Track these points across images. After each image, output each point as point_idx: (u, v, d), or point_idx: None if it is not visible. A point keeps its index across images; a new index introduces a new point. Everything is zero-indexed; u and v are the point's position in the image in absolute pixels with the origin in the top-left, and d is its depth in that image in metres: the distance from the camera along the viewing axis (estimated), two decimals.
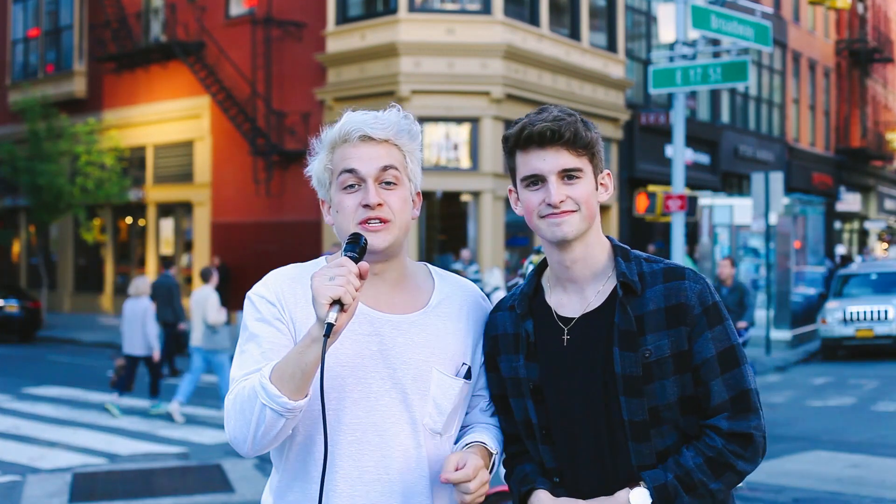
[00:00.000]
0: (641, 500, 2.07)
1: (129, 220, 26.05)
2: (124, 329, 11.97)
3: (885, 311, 16.98)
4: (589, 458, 2.15)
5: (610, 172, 2.24)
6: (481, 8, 19.53)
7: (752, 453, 2.10)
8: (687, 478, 2.07)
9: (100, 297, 26.25)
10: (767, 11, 20.11)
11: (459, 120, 19.39)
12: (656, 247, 22.09)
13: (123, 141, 24.51)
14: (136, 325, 11.80)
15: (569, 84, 21.32)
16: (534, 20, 20.52)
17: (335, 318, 1.89)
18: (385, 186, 2.13)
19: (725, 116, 28.84)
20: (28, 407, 12.09)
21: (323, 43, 20.40)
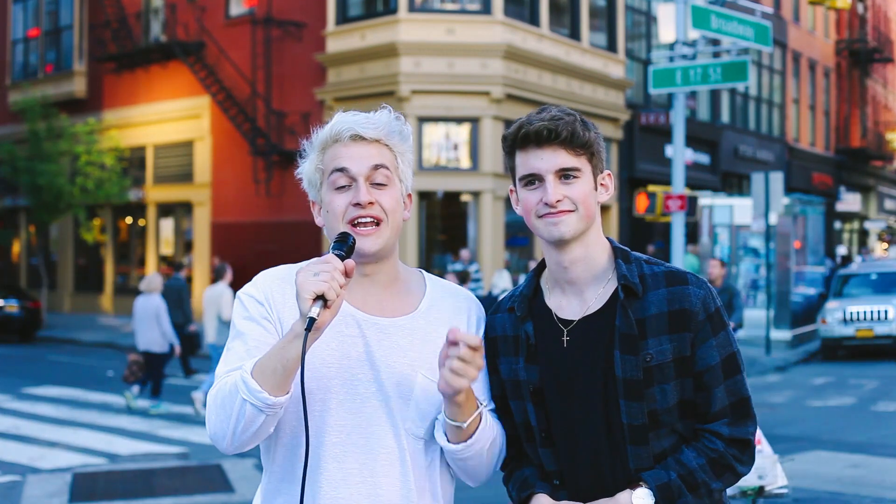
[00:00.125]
0: (644, 500, 2.07)
1: (129, 220, 26.05)
2: (135, 326, 12.08)
3: (885, 311, 16.97)
4: (588, 461, 2.15)
5: (611, 173, 2.23)
6: (481, 8, 19.52)
7: (748, 457, 2.13)
8: (690, 477, 2.07)
9: (100, 297, 26.24)
10: (767, 11, 20.11)
11: (459, 120, 19.39)
12: (656, 247, 22.08)
13: (123, 141, 24.51)
14: (147, 322, 11.89)
15: (569, 84, 21.31)
16: (534, 20, 20.52)
17: (317, 314, 1.88)
18: (376, 186, 2.12)
19: (725, 116, 28.83)
20: (28, 407, 12.09)
21: (323, 43, 20.39)
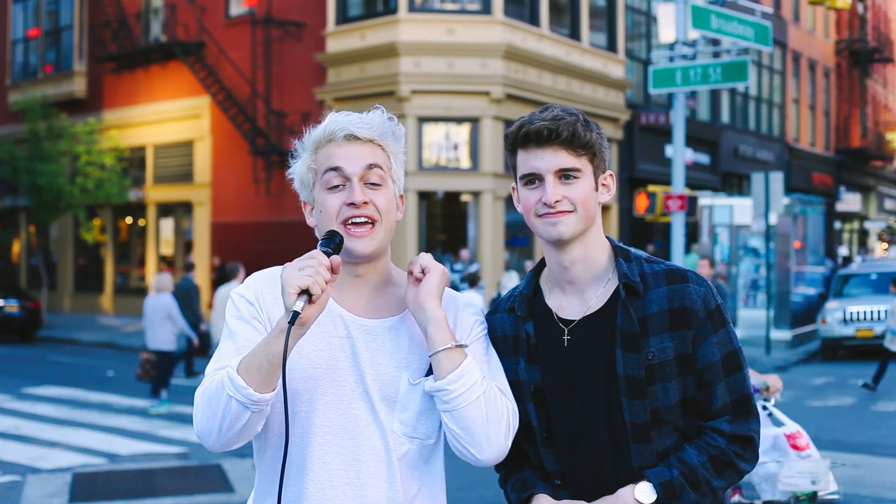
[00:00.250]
0: (646, 495, 2.07)
1: (129, 220, 26.05)
2: (145, 325, 12.23)
3: (886, 311, 16.94)
4: (590, 460, 2.15)
5: (612, 173, 2.23)
6: (481, 8, 19.51)
7: (751, 454, 2.13)
8: (692, 475, 2.08)
9: (100, 297, 26.24)
10: (767, 11, 20.11)
11: (459, 120, 19.38)
12: (656, 247, 22.08)
13: (123, 141, 24.50)
14: (157, 321, 12.02)
15: (569, 84, 21.31)
16: (534, 20, 20.51)
17: (302, 308, 1.88)
18: (370, 186, 2.12)
19: (725, 116, 28.83)
20: (28, 407, 12.08)
21: (323, 43, 20.39)
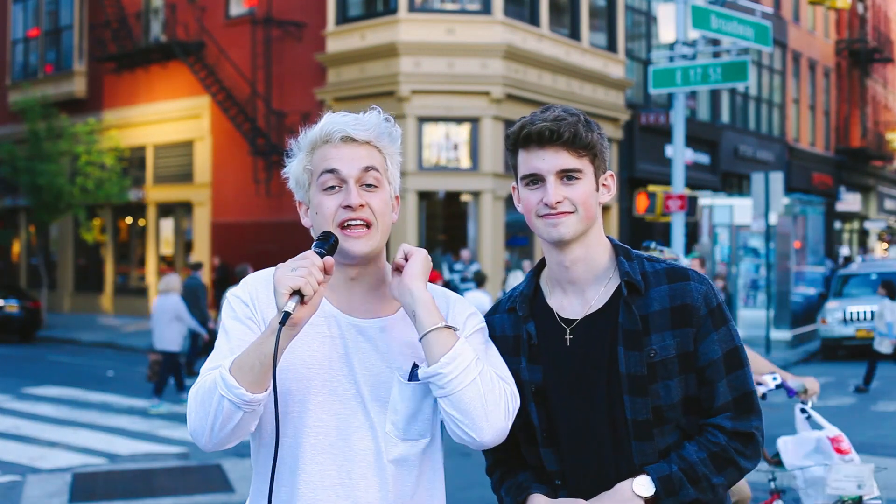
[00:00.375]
0: (645, 488, 2.07)
1: (129, 220, 26.05)
2: (153, 326, 12.32)
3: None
4: (592, 459, 2.15)
5: (613, 173, 2.23)
6: (481, 8, 19.51)
7: (752, 452, 2.13)
8: (691, 471, 2.08)
9: (100, 297, 26.24)
10: (767, 11, 20.11)
11: (459, 120, 19.38)
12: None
13: (123, 141, 24.50)
14: (165, 322, 12.10)
15: (569, 84, 21.31)
16: (534, 20, 20.51)
17: (293, 308, 1.88)
18: (366, 188, 2.11)
19: (725, 116, 28.83)
20: (28, 407, 12.08)
21: (323, 43, 20.39)
